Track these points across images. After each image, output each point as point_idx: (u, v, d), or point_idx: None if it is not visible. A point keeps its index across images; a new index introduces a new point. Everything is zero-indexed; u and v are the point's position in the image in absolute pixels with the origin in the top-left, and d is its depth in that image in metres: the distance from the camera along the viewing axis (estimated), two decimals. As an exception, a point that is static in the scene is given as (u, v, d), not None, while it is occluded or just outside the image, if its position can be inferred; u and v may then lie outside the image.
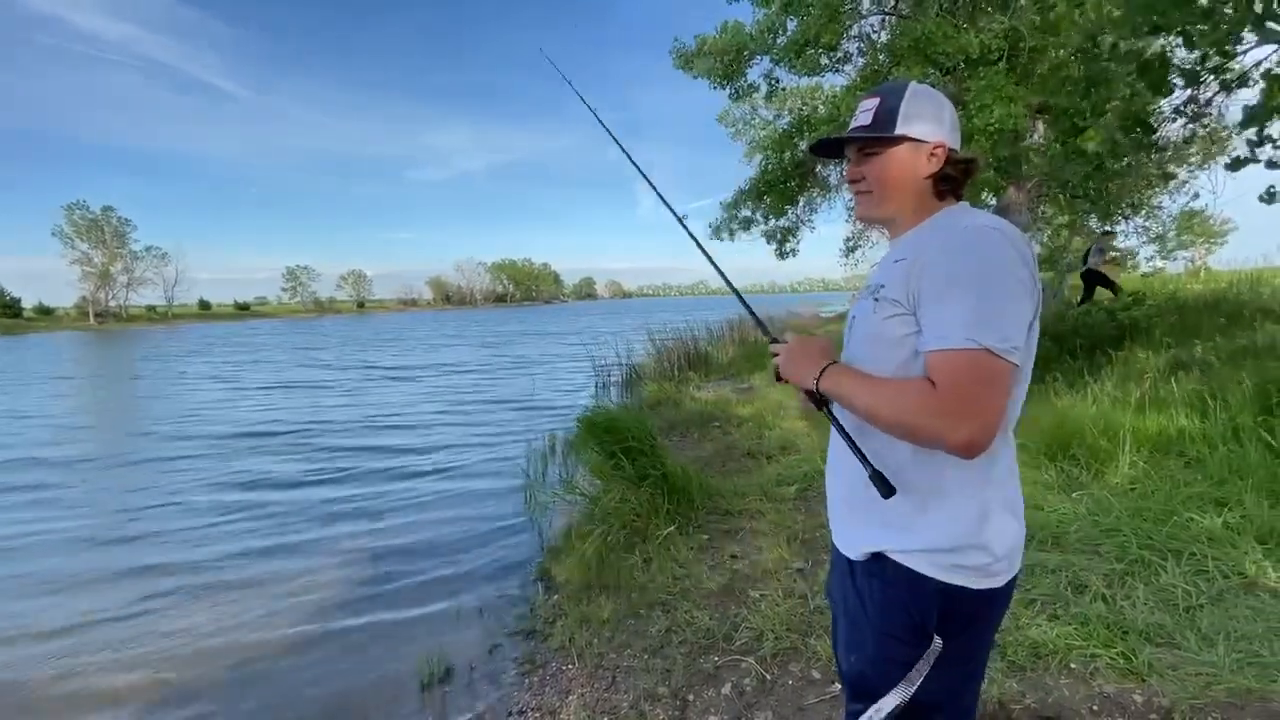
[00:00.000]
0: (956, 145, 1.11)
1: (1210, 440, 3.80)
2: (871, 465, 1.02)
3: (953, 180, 1.11)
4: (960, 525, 1.02)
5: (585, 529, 3.71)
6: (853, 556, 1.14)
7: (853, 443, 1.06)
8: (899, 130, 1.08)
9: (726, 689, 2.39)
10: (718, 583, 3.15)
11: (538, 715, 2.45)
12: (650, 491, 3.89)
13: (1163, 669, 2.13)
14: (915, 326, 1.01)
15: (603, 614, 3.01)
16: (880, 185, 1.12)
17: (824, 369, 1.08)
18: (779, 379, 1.20)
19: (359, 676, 2.92)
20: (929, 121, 1.08)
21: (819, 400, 1.11)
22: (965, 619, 1.05)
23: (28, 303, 73.63)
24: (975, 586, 1.02)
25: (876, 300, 1.07)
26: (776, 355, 1.18)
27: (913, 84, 1.11)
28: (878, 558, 1.08)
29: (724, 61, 9.67)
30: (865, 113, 1.11)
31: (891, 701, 1.06)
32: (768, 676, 2.41)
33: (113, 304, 78.26)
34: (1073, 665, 2.22)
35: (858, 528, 1.12)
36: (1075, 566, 2.79)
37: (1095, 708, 2.03)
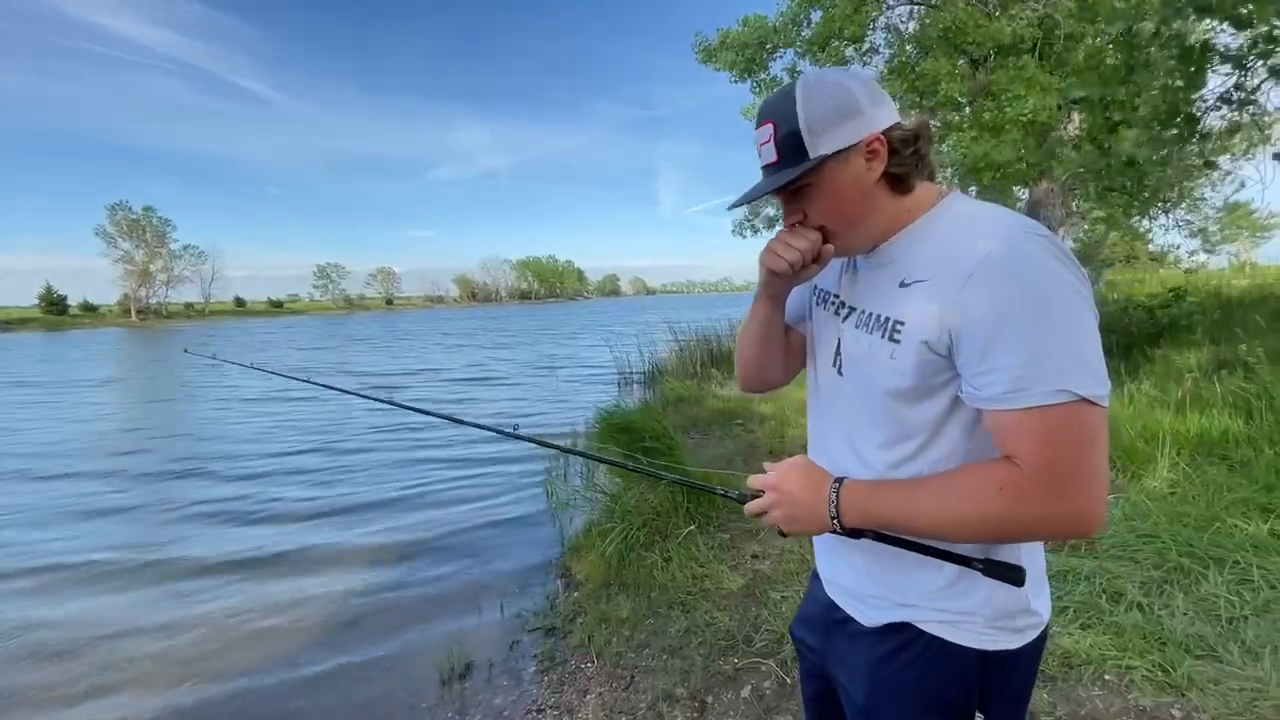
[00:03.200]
0: (890, 120, 0.84)
1: (1256, 443, 3.64)
2: (979, 558, 0.81)
3: (905, 166, 0.85)
4: (1010, 590, 0.84)
5: (605, 527, 3.71)
6: (866, 624, 0.96)
7: (924, 548, 0.84)
8: (814, 153, 0.82)
9: (746, 692, 2.36)
10: (738, 583, 3.12)
11: (556, 714, 2.45)
12: (669, 490, 3.87)
13: (1203, 682, 2.04)
14: (950, 375, 0.80)
15: (622, 613, 3.00)
16: (830, 218, 0.87)
17: (837, 503, 0.85)
18: (784, 535, 0.97)
19: (380, 671, 2.95)
20: (841, 119, 0.82)
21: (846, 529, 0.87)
22: (1005, 683, 0.90)
23: (73, 300, 76.57)
24: (1017, 645, 0.88)
25: (894, 342, 0.83)
26: (763, 513, 0.91)
27: (798, 84, 0.86)
28: (902, 627, 0.91)
29: (746, 55, 9.57)
30: (765, 146, 0.86)
31: None
32: (788, 680, 2.37)
33: (153, 301, 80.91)
34: (1107, 676, 2.14)
35: (885, 598, 0.93)
36: (1110, 573, 2.70)
37: (1130, 721, 1.95)
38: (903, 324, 0.82)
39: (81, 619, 3.55)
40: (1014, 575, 0.79)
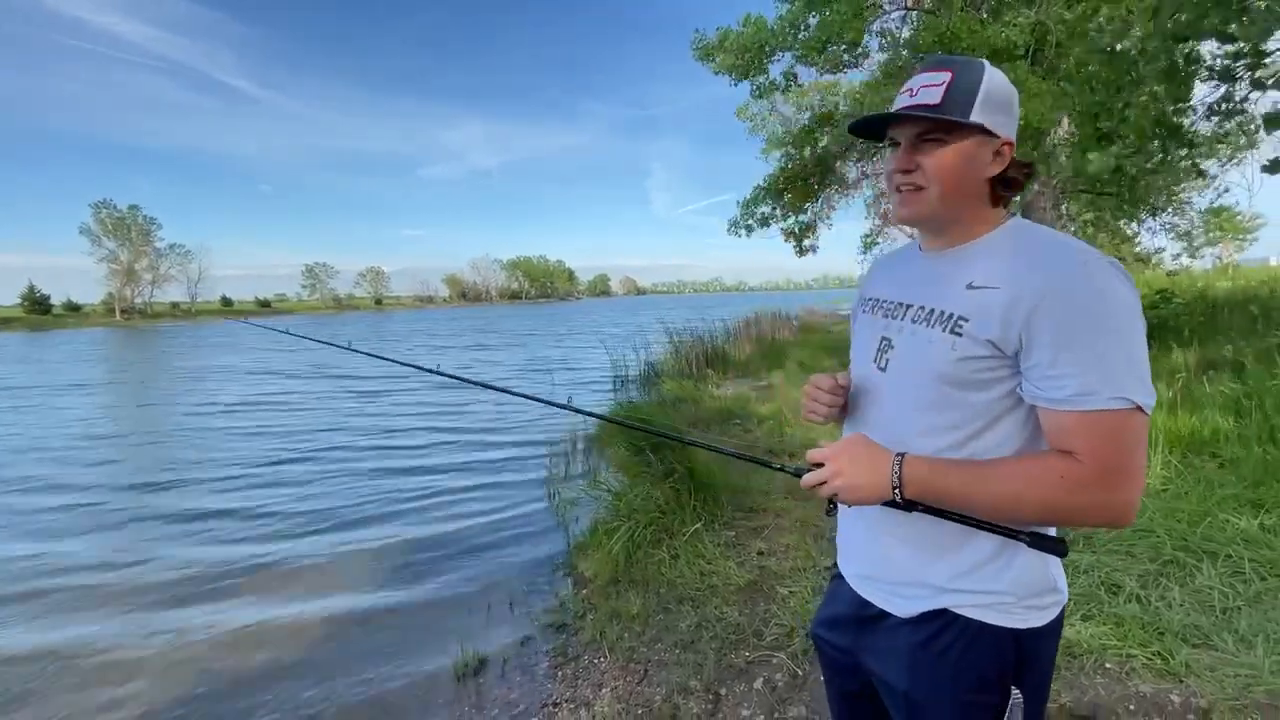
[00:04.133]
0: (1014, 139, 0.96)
1: (1245, 441, 3.75)
2: (1020, 530, 0.88)
3: (1012, 185, 0.96)
4: (1038, 570, 0.93)
5: (611, 525, 3.75)
6: (901, 615, 1.00)
7: (977, 523, 0.90)
8: (975, 117, 0.90)
9: (759, 684, 2.42)
10: (746, 579, 3.18)
11: (572, 707, 2.49)
12: (675, 487, 3.92)
13: (1200, 670, 2.13)
14: (1009, 372, 0.88)
15: (632, 609, 3.05)
16: (941, 181, 0.93)
17: (900, 474, 0.89)
18: (833, 508, 1.02)
19: (394, 668, 2.98)
20: (1004, 113, 0.92)
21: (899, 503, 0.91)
22: (1036, 657, 0.96)
23: (57, 299, 75.46)
24: (1044, 623, 0.94)
25: (955, 334, 0.90)
26: (822, 484, 0.93)
27: (987, 65, 0.94)
28: (938, 614, 0.96)
29: (745, 57, 9.65)
30: (931, 88, 0.91)
31: None
32: (799, 672, 2.44)
33: (138, 301, 79.93)
34: (1108, 665, 2.22)
35: (922, 586, 0.98)
36: (1108, 567, 2.79)
37: (1131, 707, 2.03)
38: (966, 320, 0.89)
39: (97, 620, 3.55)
40: (1057, 547, 0.87)
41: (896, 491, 0.89)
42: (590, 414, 1.61)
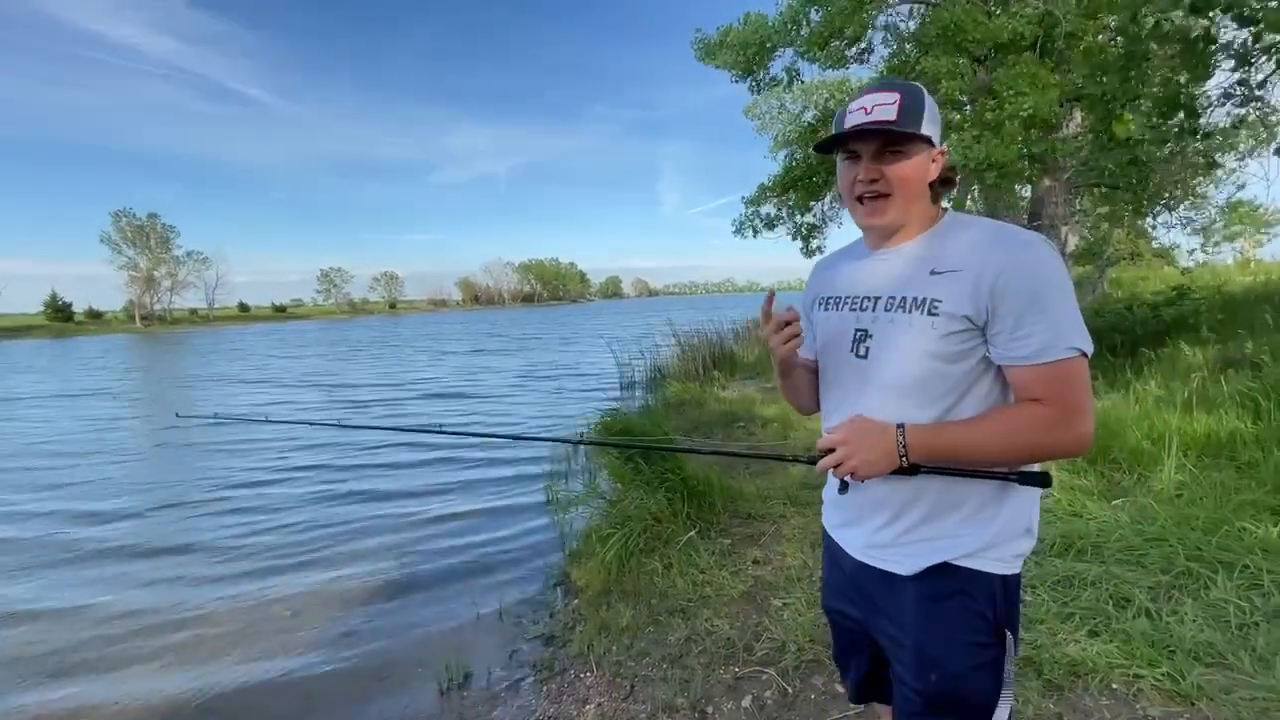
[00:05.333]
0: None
1: (1265, 444, 3.59)
2: (1009, 471, 1.03)
3: (947, 184, 1.15)
4: (1021, 516, 1.07)
5: (605, 532, 3.67)
6: (906, 573, 1.10)
7: (973, 472, 1.04)
8: (924, 130, 1.04)
9: (746, 701, 2.33)
10: (739, 589, 3.09)
11: (555, 724, 2.42)
12: (668, 495, 3.83)
13: (1214, 691, 2.00)
14: (979, 341, 1.02)
15: (622, 621, 2.97)
16: (902, 188, 1.07)
17: (904, 441, 1.02)
18: (846, 487, 1.11)
19: (377, 681, 2.92)
20: (939, 125, 1.09)
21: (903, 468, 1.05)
22: (1013, 597, 1.09)
23: (79, 306, 76.89)
24: (1016, 571, 1.08)
25: (933, 315, 1.03)
26: (837, 467, 1.05)
27: (923, 88, 1.10)
28: (941, 568, 1.07)
29: (746, 54, 9.53)
30: (885, 106, 1.04)
31: (1005, 710, 1.07)
32: (789, 690, 2.34)
33: (158, 307, 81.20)
34: (1114, 686, 2.10)
35: (924, 543, 1.09)
36: (1117, 579, 2.66)
37: (1139, 732, 1.91)
38: (940, 301, 1.03)
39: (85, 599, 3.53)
40: (1042, 479, 1.01)
41: (903, 458, 1.02)
42: (598, 443, 1.53)
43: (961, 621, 1.06)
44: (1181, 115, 5.22)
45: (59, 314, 72.86)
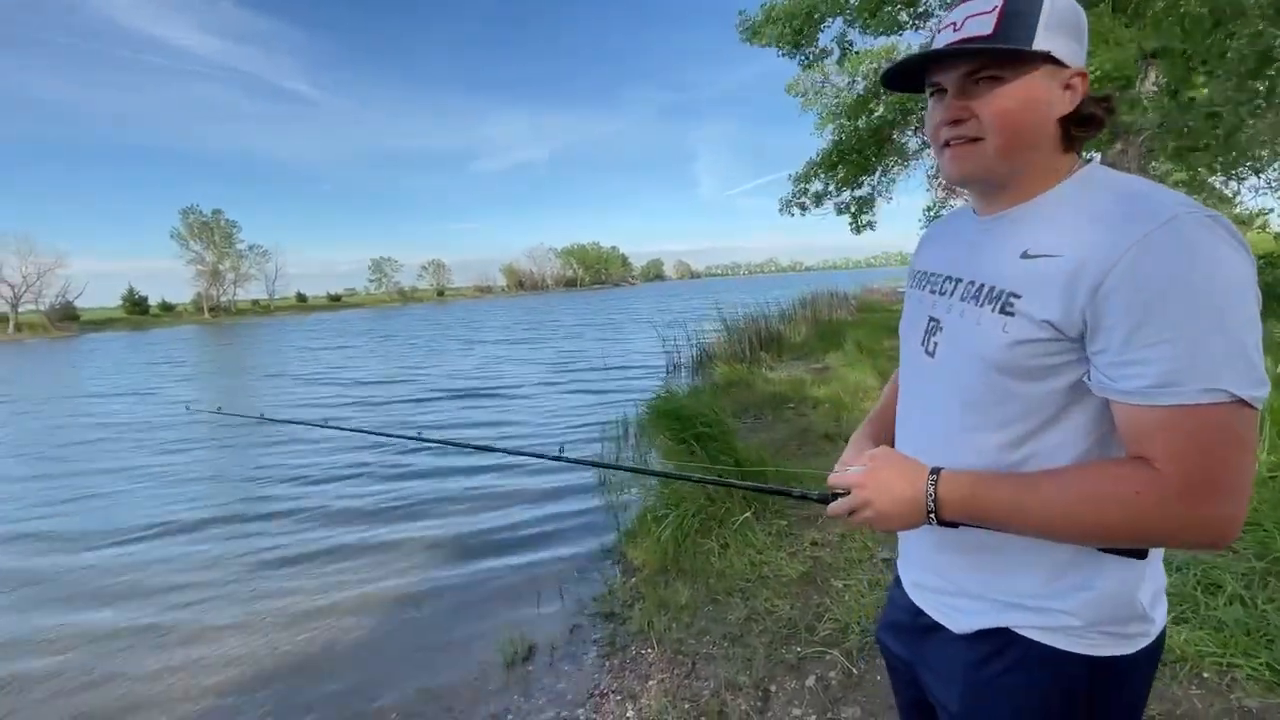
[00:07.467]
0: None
1: (1373, 421, 3.31)
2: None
3: (1089, 123, 0.78)
4: (1122, 593, 0.77)
5: (660, 513, 3.70)
6: (956, 630, 0.88)
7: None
8: (1039, 44, 0.72)
9: (810, 681, 2.32)
10: (798, 570, 3.06)
11: (619, 698, 2.46)
12: (721, 475, 3.82)
13: (1318, 683, 1.88)
14: (1075, 357, 0.72)
15: (680, 599, 2.99)
16: (1003, 128, 0.75)
17: (935, 495, 0.77)
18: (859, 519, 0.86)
19: (444, 656, 3.04)
20: (1074, 36, 0.74)
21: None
22: (1119, 689, 0.81)
23: (153, 300, 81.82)
24: (1130, 651, 0.79)
25: (1007, 314, 0.75)
26: (854, 512, 0.84)
27: None
28: (998, 633, 0.83)
29: (793, 27, 9.23)
30: (981, 17, 0.74)
31: None
32: (854, 671, 2.32)
33: (223, 299, 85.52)
34: (1205, 675, 2.00)
35: (979, 599, 0.85)
36: (1205, 564, 2.51)
37: (1234, 723, 1.82)
38: (1018, 297, 0.74)
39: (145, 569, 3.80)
40: (1135, 550, 0.74)
41: (932, 516, 0.78)
42: (598, 464, 1.52)
43: (1015, 706, 0.82)
44: (1272, 73, 4.80)
45: (136, 307, 77.63)
